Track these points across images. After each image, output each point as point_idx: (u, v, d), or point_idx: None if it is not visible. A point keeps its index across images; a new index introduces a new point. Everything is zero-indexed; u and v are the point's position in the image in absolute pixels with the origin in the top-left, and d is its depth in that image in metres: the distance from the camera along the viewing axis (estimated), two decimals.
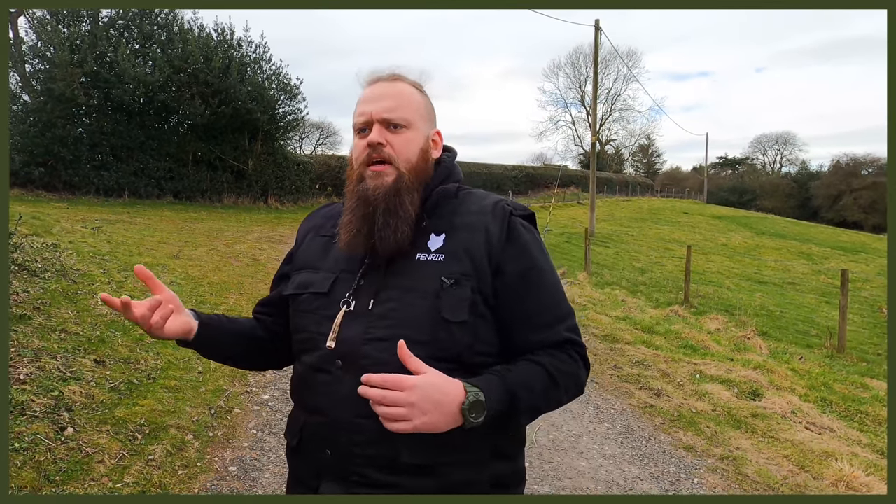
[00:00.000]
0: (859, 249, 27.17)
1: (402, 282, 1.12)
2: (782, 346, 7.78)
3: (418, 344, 1.05)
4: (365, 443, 1.07)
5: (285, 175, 22.76)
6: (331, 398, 1.10)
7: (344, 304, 1.13)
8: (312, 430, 1.13)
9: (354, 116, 1.19)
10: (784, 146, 66.80)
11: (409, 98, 1.18)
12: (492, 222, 1.15)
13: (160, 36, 19.64)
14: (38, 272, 5.56)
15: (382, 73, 1.21)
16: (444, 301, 1.08)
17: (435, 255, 1.13)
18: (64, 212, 12.91)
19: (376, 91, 1.18)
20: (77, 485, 2.75)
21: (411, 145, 1.16)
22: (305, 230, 1.34)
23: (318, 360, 1.12)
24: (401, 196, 1.13)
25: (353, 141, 1.20)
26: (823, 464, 3.68)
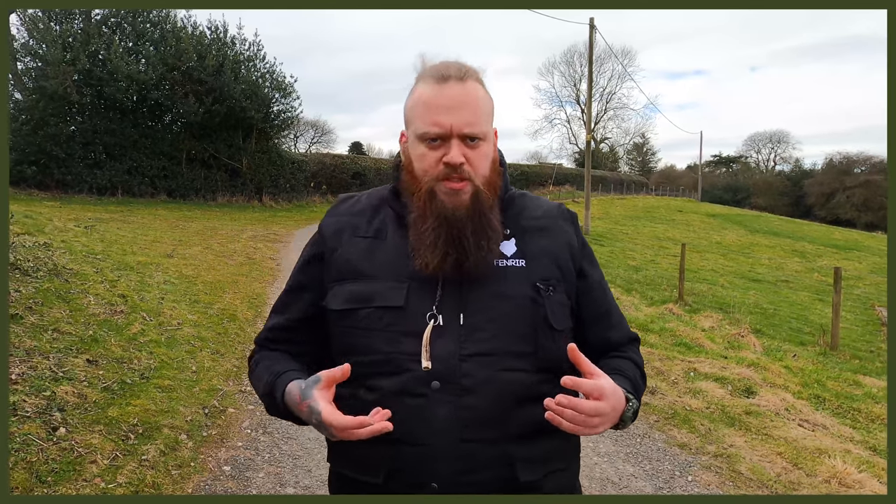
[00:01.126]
0: (852, 247, 27.32)
1: (490, 290, 1.04)
2: (776, 343, 7.82)
3: (521, 356, 1.01)
4: (477, 468, 0.99)
5: (280, 173, 22.72)
6: (429, 424, 0.99)
7: (431, 319, 1.01)
8: (405, 462, 1.00)
9: (422, 122, 1.03)
10: (778, 144, 67.13)
11: (483, 105, 1.06)
12: (567, 227, 1.16)
13: (153, 34, 19.56)
14: (30, 271, 5.52)
15: (450, 68, 1.05)
16: (547, 308, 1.05)
17: (514, 261, 1.08)
18: (56, 210, 12.84)
19: (451, 96, 1.02)
20: (69, 485, 2.73)
21: (486, 160, 1.07)
22: (335, 230, 1.14)
23: (404, 384, 1.00)
24: (486, 215, 1.04)
25: (416, 148, 1.06)
26: (816, 461, 3.70)
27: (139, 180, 19.15)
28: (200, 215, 16.66)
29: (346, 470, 1.09)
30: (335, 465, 1.13)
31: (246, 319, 6.29)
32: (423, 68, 1.09)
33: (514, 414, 1.02)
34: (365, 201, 1.18)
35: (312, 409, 0.96)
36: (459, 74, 1.05)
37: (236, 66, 20.12)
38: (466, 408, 0.99)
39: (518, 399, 1.02)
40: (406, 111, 1.10)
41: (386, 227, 1.11)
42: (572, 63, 56.22)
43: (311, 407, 0.96)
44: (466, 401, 0.99)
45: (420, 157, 1.05)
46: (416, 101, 1.06)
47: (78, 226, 10.37)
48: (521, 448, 1.02)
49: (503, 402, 1.01)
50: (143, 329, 5.07)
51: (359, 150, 45.40)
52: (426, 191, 1.04)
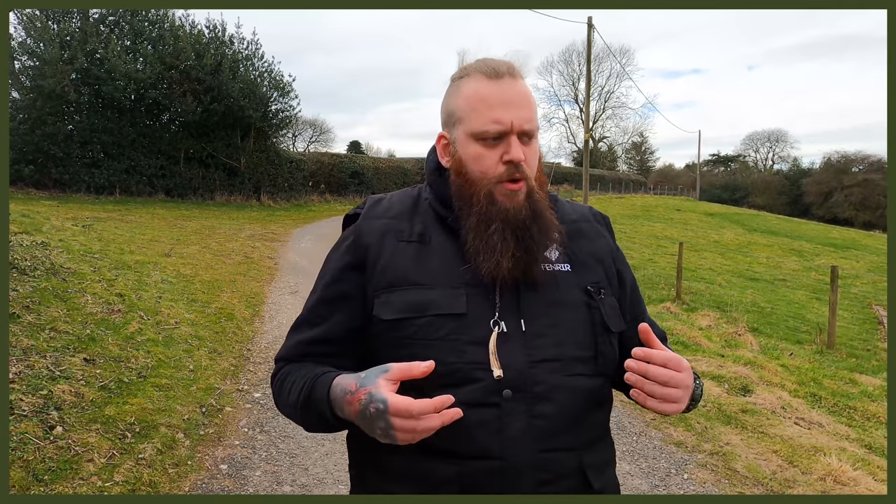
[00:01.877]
0: (849, 246, 27.37)
1: (545, 296, 1.01)
2: (773, 342, 7.84)
3: (585, 361, 1.00)
4: (556, 479, 0.96)
5: (278, 173, 22.70)
6: (503, 437, 0.94)
7: (495, 326, 0.97)
8: (480, 478, 0.94)
9: (479, 120, 1.00)
10: (776, 143, 67.22)
11: (533, 101, 1.04)
12: (603, 230, 1.16)
13: (151, 32, 19.53)
14: (27, 270, 5.52)
15: (501, 65, 1.02)
16: (603, 312, 1.04)
17: (560, 265, 1.05)
18: (54, 209, 12.82)
19: (508, 93, 1.00)
20: (66, 484, 2.73)
21: (537, 157, 1.05)
22: (376, 234, 1.06)
23: (474, 394, 0.94)
24: (545, 214, 1.02)
25: (470, 147, 1.01)
26: (812, 458, 3.71)
27: (137, 179, 19.13)
28: (198, 214, 16.65)
29: (406, 489, 0.98)
30: (383, 484, 1.01)
31: (244, 318, 6.30)
32: (466, 64, 1.06)
33: (584, 420, 1.01)
34: (398, 203, 1.11)
35: (373, 397, 0.85)
36: (511, 71, 1.02)
37: (234, 65, 20.09)
38: (541, 416, 0.96)
39: (586, 404, 1.01)
40: (453, 109, 1.04)
41: (428, 231, 1.06)
42: (570, 62, 56.30)
43: (372, 394, 0.85)
44: (540, 409, 0.96)
45: (476, 157, 1.01)
46: (470, 99, 1.01)
47: (75, 225, 10.36)
48: (590, 455, 1.01)
49: (575, 409, 0.99)
50: (141, 328, 5.07)
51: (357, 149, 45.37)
52: (485, 194, 1.00)
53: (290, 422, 3.86)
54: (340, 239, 1.12)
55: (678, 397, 0.93)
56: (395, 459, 0.98)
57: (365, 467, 1.05)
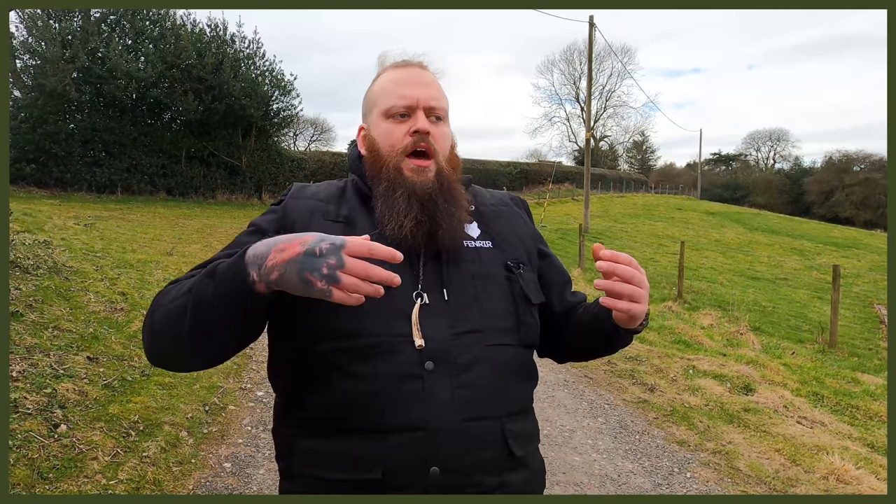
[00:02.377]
0: (851, 245, 27.35)
1: (468, 270, 1.05)
2: (774, 341, 7.83)
3: (505, 331, 1.03)
4: (478, 447, 0.97)
5: (279, 171, 22.71)
6: (429, 407, 0.94)
7: (418, 297, 0.99)
8: (403, 451, 0.94)
9: (388, 97, 1.08)
10: (777, 143, 67.13)
11: (442, 90, 1.12)
12: (521, 211, 1.23)
13: (152, 32, 19.54)
14: (30, 269, 5.53)
15: (410, 59, 1.13)
16: (522, 284, 1.08)
17: (482, 242, 1.10)
18: (56, 208, 12.83)
19: (414, 76, 1.09)
20: (71, 482, 2.74)
21: (447, 140, 1.11)
22: (304, 212, 1.07)
23: (399, 367, 0.95)
24: (453, 187, 1.06)
25: (380, 125, 1.09)
26: (815, 457, 3.71)
27: (138, 178, 19.15)
28: (200, 213, 16.66)
29: (327, 471, 0.97)
30: (310, 470, 0.99)
31: None
32: (384, 64, 1.15)
33: (507, 389, 1.03)
34: (325, 189, 1.14)
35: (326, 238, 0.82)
36: (421, 64, 1.13)
37: (236, 64, 20.11)
38: (465, 386, 0.97)
39: (509, 374, 1.03)
40: (368, 99, 1.14)
41: (354, 213, 1.08)
42: (572, 61, 56.22)
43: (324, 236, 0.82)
44: (464, 378, 0.97)
45: (385, 133, 1.07)
46: (381, 85, 1.11)
47: (77, 224, 10.37)
48: (513, 424, 1.02)
49: (498, 378, 1.01)
50: None
51: None
52: (393, 165, 1.05)
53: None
54: (264, 215, 1.11)
55: (643, 296, 0.99)
56: (320, 442, 0.97)
57: (291, 456, 1.02)
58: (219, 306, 0.87)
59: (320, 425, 0.98)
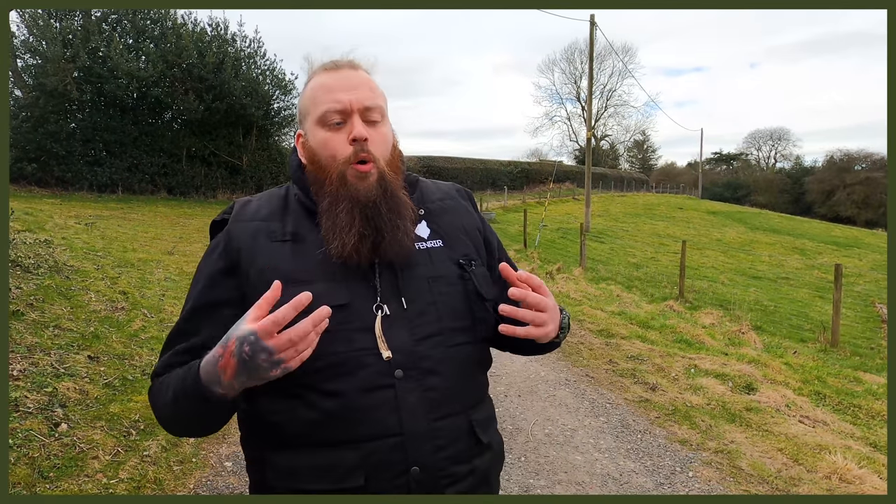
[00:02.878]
0: (852, 244, 27.32)
1: (421, 273, 1.06)
2: (776, 340, 7.82)
3: (463, 330, 1.06)
4: (450, 442, 1.03)
5: (280, 171, 22.69)
6: (401, 412, 0.98)
7: (378, 310, 1.01)
8: (383, 456, 0.98)
9: (320, 104, 1.05)
10: (778, 142, 67.12)
11: (377, 88, 1.09)
12: (466, 204, 1.23)
13: (153, 31, 19.54)
14: (31, 268, 5.53)
15: (340, 60, 1.10)
16: (475, 281, 1.10)
17: (432, 242, 1.11)
18: (57, 208, 12.84)
19: (345, 79, 1.06)
20: (72, 481, 2.73)
21: (387, 142, 1.08)
22: (248, 236, 1.06)
23: (368, 379, 0.98)
24: (396, 195, 1.05)
25: (317, 134, 1.06)
26: (817, 457, 3.70)
27: (139, 177, 19.15)
28: (201, 212, 16.66)
29: (308, 484, 0.99)
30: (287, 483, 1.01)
31: None
32: (313, 66, 1.12)
33: (469, 384, 1.08)
34: (266, 204, 1.11)
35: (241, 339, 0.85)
36: (351, 64, 1.10)
37: (236, 64, 20.10)
38: (431, 388, 1.01)
39: (470, 370, 1.08)
40: (302, 106, 1.11)
41: (301, 229, 1.06)
42: (573, 60, 56.27)
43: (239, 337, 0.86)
44: (429, 381, 1.01)
45: (323, 142, 1.05)
46: (312, 90, 1.08)
47: (78, 223, 10.37)
48: (476, 414, 1.09)
49: (461, 376, 1.06)
50: (145, 326, 5.07)
51: None
52: (337, 176, 1.03)
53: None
54: (212, 245, 1.11)
55: (545, 320, 1.02)
56: (297, 456, 0.99)
57: (265, 469, 1.03)
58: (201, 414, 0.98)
59: (294, 440, 1.00)
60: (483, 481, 1.10)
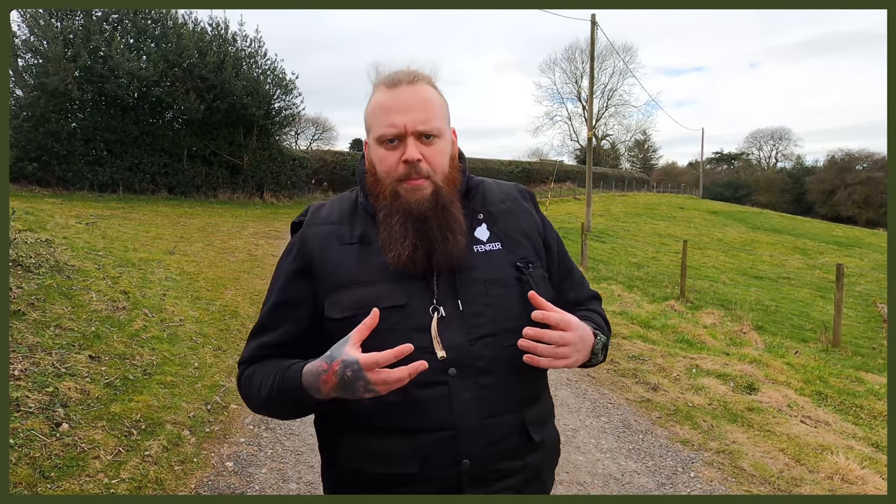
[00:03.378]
0: (853, 244, 27.29)
1: (478, 276, 1.12)
2: (778, 340, 7.81)
3: (516, 331, 1.09)
4: (502, 439, 1.09)
5: (281, 170, 22.70)
6: (454, 409, 1.06)
7: (434, 312, 1.08)
8: (436, 448, 1.06)
9: (378, 125, 1.12)
10: (779, 141, 67.05)
11: (435, 103, 1.13)
12: (528, 205, 1.27)
13: (154, 30, 19.53)
14: (32, 268, 5.53)
15: (400, 74, 1.14)
16: (531, 283, 1.14)
17: (491, 245, 1.17)
18: (58, 207, 12.84)
19: (402, 98, 1.11)
20: (73, 481, 2.73)
21: (443, 156, 1.13)
22: (320, 240, 1.16)
23: (424, 376, 1.03)
24: (448, 208, 1.11)
25: (376, 150, 1.13)
26: (819, 457, 3.69)
27: (140, 177, 19.15)
28: (202, 212, 16.66)
29: (370, 466, 1.10)
30: (353, 463, 1.12)
31: (248, 316, 6.30)
32: (377, 78, 1.17)
33: (523, 383, 1.13)
34: (338, 209, 1.21)
35: (346, 363, 0.97)
36: (409, 79, 1.13)
37: (237, 63, 20.09)
38: (484, 387, 1.07)
39: (523, 370, 1.11)
40: (365, 120, 1.18)
41: (368, 232, 1.15)
42: (574, 60, 56.18)
43: (344, 361, 0.97)
44: (483, 380, 1.08)
45: (380, 159, 1.12)
46: (373, 108, 1.14)
47: (79, 222, 10.38)
48: (530, 412, 1.15)
49: (514, 375, 1.11)
50: (146, 325, 5.07)
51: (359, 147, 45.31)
52: (390, 191, 1.11)
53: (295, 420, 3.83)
54: (288, 246, 1.22)
55: (566, 353, 1.07)
56: (362, 441, 1.10)
57: (335, 450, 1.15)
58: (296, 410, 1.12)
59: (358, 426, 1.11)
60: (535, 477, 1.16)
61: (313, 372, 1.02)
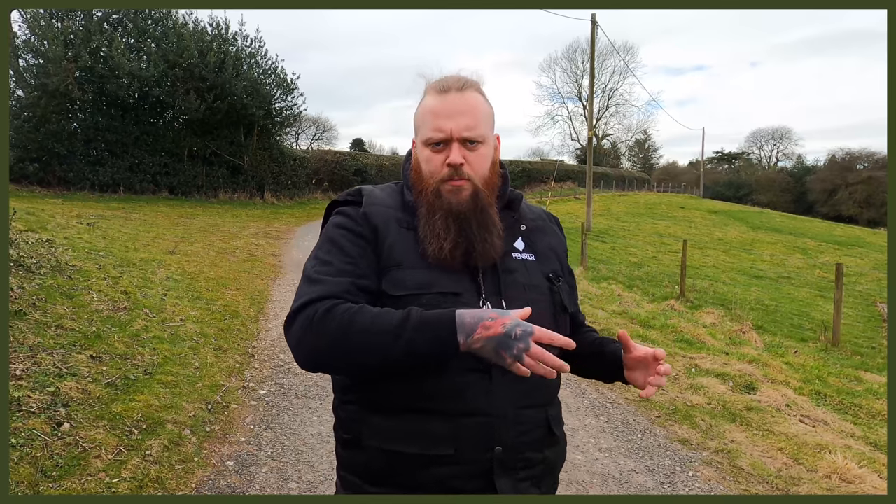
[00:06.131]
0: (854, 244, 27.28)
1: (518, 280, 1.20)
2: (777, 339, 7.82)
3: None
4: (530, 429, 1.16)
5: (281, 170, 22.72)
6: (491, 397, 1.11)
7: (484, 304, 1.15)
8: (472, 432, 1.11)
9: (427, 128, 1.18)
10: (780, 141, 67.03)
11: (482, 111, 1.20)
12: (556, 228, 1.38)
13: (154, 31, 19.56)
14: (33, 268, 5.55)
15: (450, 80, 1.21)
16: (561, 295, 1.24)
17: (526, 255, 1.25)
18: (59, 207, 12.86)
19: (452, 105, 1.17)
20: (74, 480, 2.75)
21: (486, 161, 1.20)
22: (382, 218, 1.19)
23: (468, 362, 1.08)
24: (486, 211, 1.18)
25: (422, 151, 1.20)
26: (817, 456, 3.71)
27: (141, 177, 19.17)
28: (202, 212, 16.69)
29: (406, 447, 1.12)
30: (381, 443, 1.13)
31: (248, 316, 6.31)
32: (428, 83, 1.24)
33: (549, 382, 1.19)
34: (390, 197, 1.25)
35: (520, 323, 0.99)
36: (458, 86, 1.19)
37: (238, 63, 20.11)
38: (521, 381, 1.08)
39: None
40: (415, 121, 1.25)
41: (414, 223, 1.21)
42: (574, 59, 56.15)
43: (519, 322, 0.99)
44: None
45: (426, 160, 1.19)
46: (423, 112, 1.21)
47: (80, 223, 10.40)
48: (552, 409, 1.23)
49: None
50: (146, 325, 5.09)
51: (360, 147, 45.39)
52: (432, 191, 1.17)
53: (296, 419, 3.84)
54: (344, 220, 1.20)
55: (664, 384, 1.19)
56: (395, 421, 1.12)
57: (361, 427, 1.16)
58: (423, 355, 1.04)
59: (392, 405, 1.13)
60: (550, 471, 1.24)
61: (476, 315, 1.02)
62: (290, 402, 4.16)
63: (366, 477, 1.17)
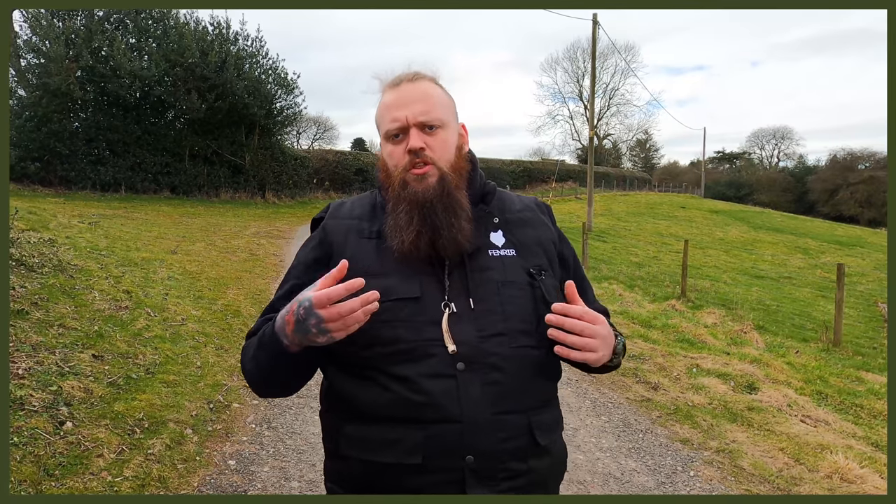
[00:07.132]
0: (855, 244, 27.25)
1: (493, 277, 1.15)
2: (778, 339, 7.81)
3: (527, 333, 1.13)
4: (507, 438, 1.09)
5: (283, 170, 22.74)
6: (462, 402, 1.06)
7: (446, 307, 1.11)
8: (441, 440, 1.06)
9: (384, 123, 1.17)
10: (781, 140, 66.95)
11: (437, 97, 1.18)
12: (545, 218, 1.30)
13: (156, 30, 19.59)
14: (35, 267, 5.55)
15: (402, 75, 1.20)
16: (543, 289, 1.17)
17: (505, 251, 1.20)
18: (60, 207, 12.88)
19: (404, 94, 1.17)
20: (76, 479, 2.75)
21: (448, 145, 1.17)
22: (341, 232, 1.21)
23: (433, 367, 1.07)
24: (453, 195, 1.14)
25: (385, 147, 1.19)
26: (818, 456, 3.71)
27: (142, 177, 19.20)
28: (203, 212, 16.70)
29: (375, 456, 1.10)
30: (357, 453, 1.12)
31: (250, 315, 6.32)
32: (383, 83, 1.23)
33: (531, 385, 1.14)
34: (359, 206, 1.26)
35: (301, 302, 0.99)
36: (410, 77, 1.19)
37: (239, 63, 20.13)
38: (494, 383, 1.08)
39: (532, 372, 1.14)
40: (376, 121, 1.23)
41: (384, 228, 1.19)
42: (575, 59, 56.15)
43: (300, 300, 1.00)
44: (492, 377, 1.09)
45: (389, 154, 1.18)
46: (380, 110, 1.21)
47: (82, 222, 10.41)
48: (537, 416, 1.14)
49: (523, 376, 1.12)
50: (148, 325, 5.10)
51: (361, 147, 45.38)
52: (398, 182, 1.15)
53: (297, 418, 3.84)
54: (310, 237, 1.27)
55: (596, 346, 1.07)
56: (367, 429, 1.11)
57: (339, 438, 1.15)
58: (275, 363, 1.11)
59: (364, 414, 1.11)
60: (540, 484, 1.16)
61: (281, 314, 1.06)
62: (292, 401, 4.17)
63: (347, 487, 1.15)
